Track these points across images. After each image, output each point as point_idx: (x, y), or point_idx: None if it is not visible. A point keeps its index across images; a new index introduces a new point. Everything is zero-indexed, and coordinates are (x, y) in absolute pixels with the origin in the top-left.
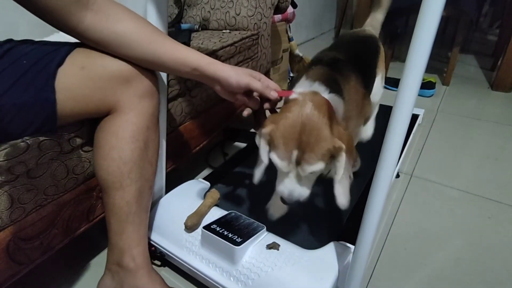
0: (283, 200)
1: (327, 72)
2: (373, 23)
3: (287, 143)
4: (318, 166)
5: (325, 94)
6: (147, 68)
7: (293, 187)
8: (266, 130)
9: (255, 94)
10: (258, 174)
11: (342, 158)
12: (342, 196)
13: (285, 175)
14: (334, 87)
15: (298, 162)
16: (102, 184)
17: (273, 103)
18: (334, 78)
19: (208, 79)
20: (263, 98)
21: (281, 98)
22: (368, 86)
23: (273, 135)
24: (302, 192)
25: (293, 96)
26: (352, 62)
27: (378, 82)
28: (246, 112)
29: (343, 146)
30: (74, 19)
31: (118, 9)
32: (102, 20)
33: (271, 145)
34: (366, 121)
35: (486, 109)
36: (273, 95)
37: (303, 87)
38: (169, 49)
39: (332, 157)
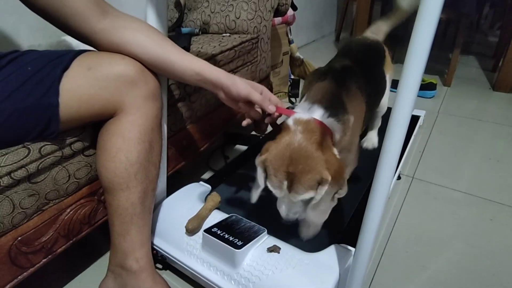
0: (282, 220)
1: (330, 89)
2: (374, 31)
3: (277, 174)
4: (307, 195)
5: (323, 119)
6: (154, 71)
7: (288, 210)
8: (261, 158)
9: (256, 106)
10: (255, 195)
11: (323, 188)
12: (312, 216)
13: (282, 199)
14: (334, 108)
15: (290, 190)
16: (107, 185)
17: (273, 118)
18: (337, 98)
19: (211, 85)
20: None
21: (280, 114)
22: (374, 95)
23: (266, 164)
24: (297, 213)
25: (288, 121)
26: (359, 73)
27: (386, 87)
28: (245, 122)
29: (329, 179)
30: (93, 23)
31: (131, 17)
32: (119, 25)
33: (266, 172)
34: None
35: (487, 110)
36: (271, 109)
37: (302, 108)
38: (178, 55)
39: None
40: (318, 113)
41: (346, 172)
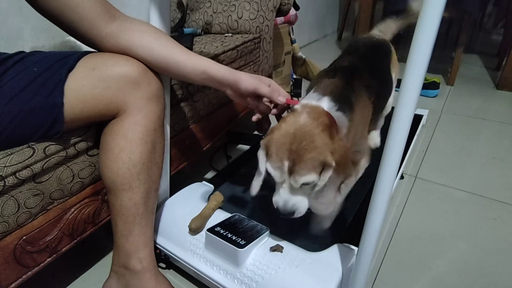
0: (279, 212)
1: (340, 85)
2: (382, 29)
3: (278, 153)
4: (309, 178)
5: (332, 111)
6: (161, 73)
7: (287, 197)
8: (264, 140)
9: (264, 100)
10: (256, 185)
11: (327, 174)
12: (317, 206)
13: (280, 186)
14: (343, 103)
15: (291, 173)
16: (109, 186)
17: (280, 109)
18: (346, 94)
19: (218, 83)
20: (272, 104)
21: (288, 105)
22: (382, 95)
23: (268, 145)
24: (296, 204)
25: (296, 106)
26: (366, 72)
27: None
28: (255, 117)
29: (332, 164)
30: (100, 28)
31: (137, 20)
32: (125, 28)
33: (267, 154)
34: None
35: (491, 109)
36: (281, 100)
37: (311, 98)
38: (183, 55)
39: (323, 168)
40: (327, 105)
41: (360, 165)
